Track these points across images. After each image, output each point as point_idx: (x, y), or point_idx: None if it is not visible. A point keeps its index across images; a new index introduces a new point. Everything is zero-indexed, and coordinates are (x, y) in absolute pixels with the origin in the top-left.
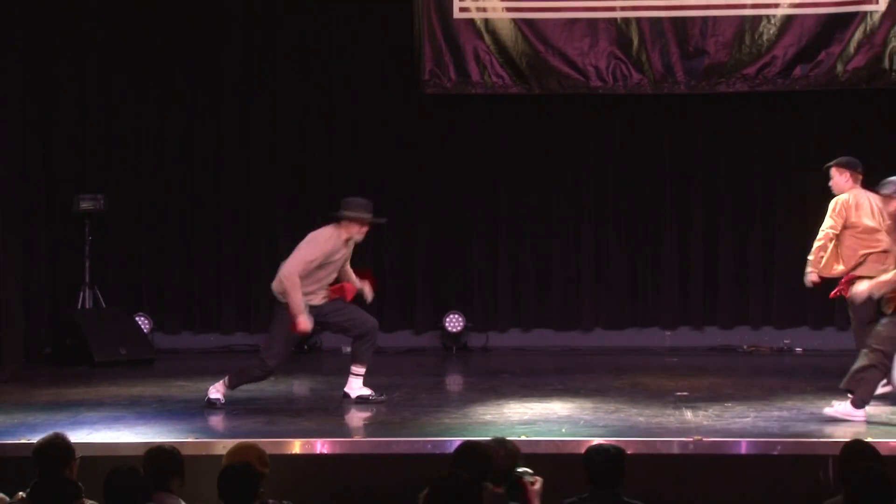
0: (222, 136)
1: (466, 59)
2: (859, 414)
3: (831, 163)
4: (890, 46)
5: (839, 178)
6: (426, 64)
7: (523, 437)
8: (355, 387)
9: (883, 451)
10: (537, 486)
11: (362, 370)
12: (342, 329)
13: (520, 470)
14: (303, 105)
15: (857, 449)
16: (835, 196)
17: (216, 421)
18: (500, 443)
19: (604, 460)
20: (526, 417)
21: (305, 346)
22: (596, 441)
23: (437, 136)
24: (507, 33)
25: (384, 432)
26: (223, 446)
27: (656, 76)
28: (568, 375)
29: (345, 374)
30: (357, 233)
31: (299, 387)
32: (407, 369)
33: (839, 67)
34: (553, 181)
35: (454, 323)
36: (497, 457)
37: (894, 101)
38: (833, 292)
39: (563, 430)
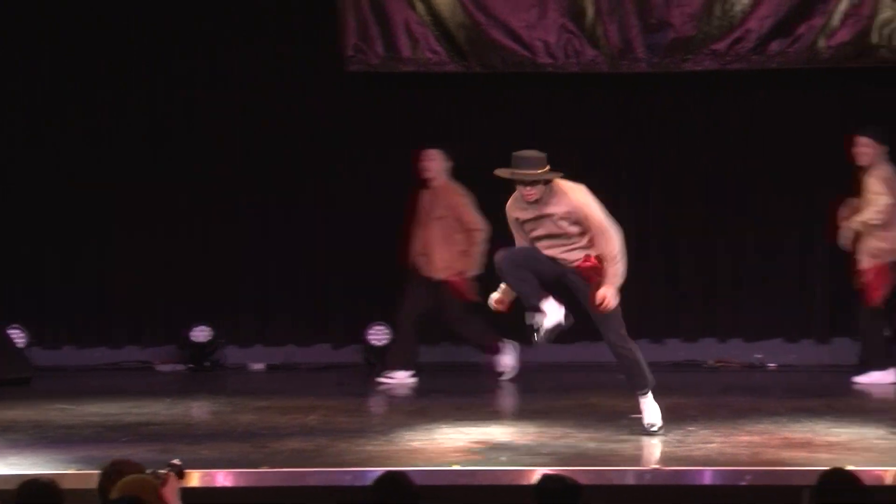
0: (115, 119)
1: (396, 32)
2: None
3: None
4: (879, 18)
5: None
6: (350, 38)
7: (456, 467)
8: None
9: (866, 481)
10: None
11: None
12: None
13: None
14: (211, 85)
15: (837, 478)
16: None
17: (102, 449)
18: None
19: (560, 490)
20: (460, 444)
21: (207, 362)
22: (540, 470)
23: (363, 120)
24: (444, 3)
25: (296, 461)
26: None
27: (613, 52)
28: (508, 395)
29: (245, 395)
30: (522, 193)
31: (198, 409)
32: (324, 388)
33: (821, 42)
34: (494, 174)
35: (378, 335)
36: None
37: (884, 80)
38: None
39: (503, 459)
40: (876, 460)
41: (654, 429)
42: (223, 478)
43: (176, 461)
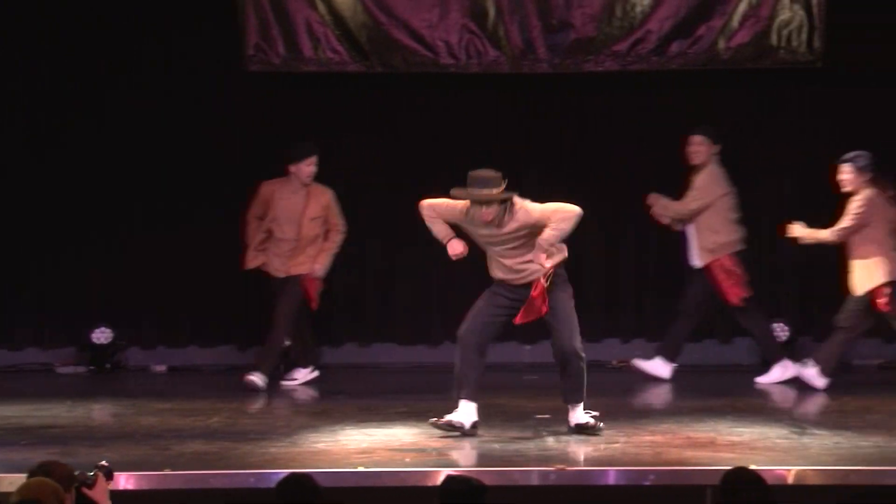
0: (9, 119)
1: (297, 31)
2: None
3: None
4: (778, 19)
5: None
6: (251, 37)
7: (360, 469)
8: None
9: (768, 480)
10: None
11: None
12: None
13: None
14: (102, 82)
15: (740, 478)
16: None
17: (2, 452)
18: None
19: (464, 491)
20: (364, 445)
21: (108, 364)
22: (445, 472)
23: (265, 120)
24: (345, 3)
25: (199, 464)
26: (10, 482)
27: (515, 53)
28: (413, 396)
29: (147, 397)
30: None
31: (100, 412)
32: (227, 390)
33: (721, 44)
34: (399, 174)
35: None
36: None
37: (784, 82)
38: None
39: (408, 460)
40: (778, 459)
41: (585, 420)
42: (125, 480)
43: (104, 462)
